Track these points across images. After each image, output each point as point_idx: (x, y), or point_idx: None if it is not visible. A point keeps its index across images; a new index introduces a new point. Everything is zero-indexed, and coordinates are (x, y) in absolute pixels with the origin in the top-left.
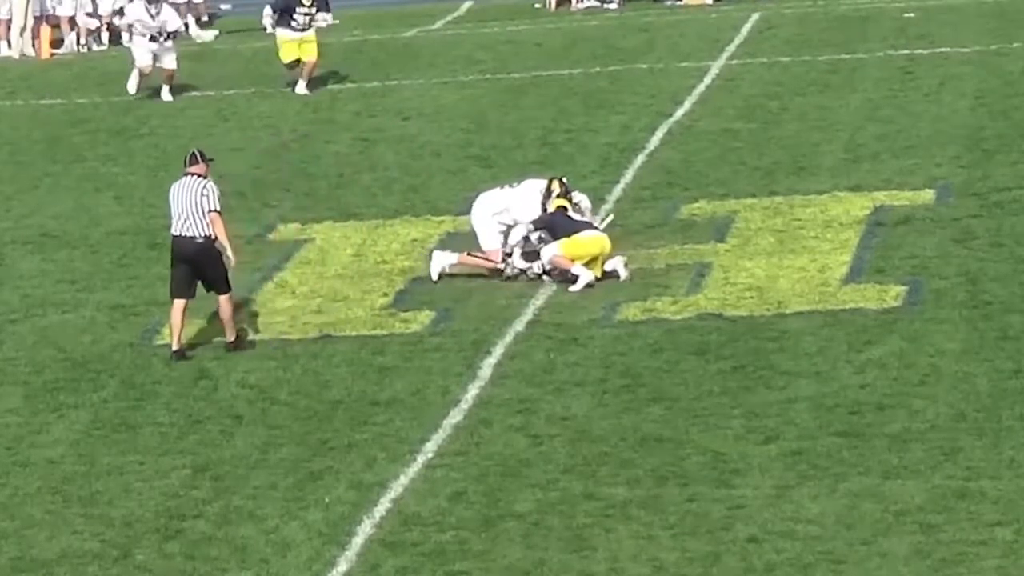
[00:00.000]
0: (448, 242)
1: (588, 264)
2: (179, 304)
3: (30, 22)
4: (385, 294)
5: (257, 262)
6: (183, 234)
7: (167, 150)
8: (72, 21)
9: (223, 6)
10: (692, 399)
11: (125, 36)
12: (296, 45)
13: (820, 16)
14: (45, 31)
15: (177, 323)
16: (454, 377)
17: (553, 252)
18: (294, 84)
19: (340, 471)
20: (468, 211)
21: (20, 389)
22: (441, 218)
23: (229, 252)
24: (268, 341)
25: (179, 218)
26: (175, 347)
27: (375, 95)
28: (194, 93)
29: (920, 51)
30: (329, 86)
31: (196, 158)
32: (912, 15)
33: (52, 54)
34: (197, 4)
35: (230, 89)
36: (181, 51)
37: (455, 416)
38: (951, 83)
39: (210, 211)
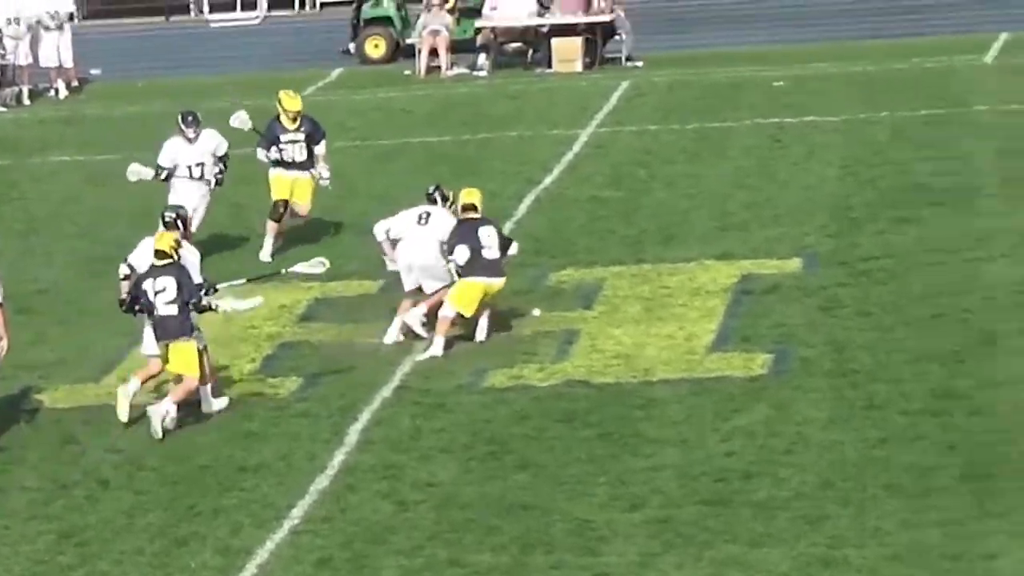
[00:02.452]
0: (316, 308)
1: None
2: None
3: None
4: (253, 359)
5: (125, 327)
6: None
7: (36, 215)
8: None
9: (93, 71)
10: (558, 466)
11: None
12: (289, 183)
13: (690, 84)
14: None
15: None
16: (321, 443)
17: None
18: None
19: (206, 536)
20: (339, 276)
21: None
22: (309, 284)
23: (4, 343)
24: (136, 406)
25: None
26: None
27: (247, 161)
28: (64, 157)
29: (789, 119)
30: None
31: None
32: (781, 83)
33: None
34: (68, 69)
35: (100, 154)
36: (51, 116)
37: (321, 482)
38: (819, 152)
39: None
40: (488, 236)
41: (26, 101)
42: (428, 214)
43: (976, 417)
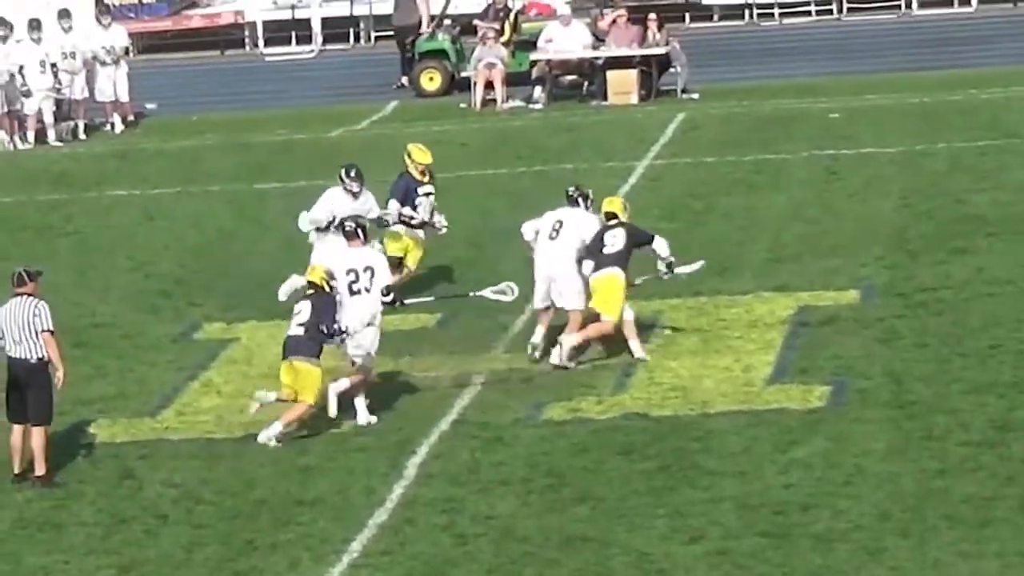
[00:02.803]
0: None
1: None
2: (17, 429)
3: None
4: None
5: (182, 361)
6: (16, 355)
7: (93, 249)
8: None
9: (148, 106)
10: (617, 499)
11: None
12: (408, 243)
13: (745, 116)
14: None
15: (17, 447)
16: (379, 476)
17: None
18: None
19: (264, 571)
20: (390, 311)
21: None
22: None
23: (60, 372)
24: (193, 440)
25: (12, 339)
26: (16, 470)
27: (301, 195)
28: (120, 192)
29: (845, 151)
30: (255, 185)
31: (24, 279)
32: (837, 115)
33: None
34: (123, 103)
35: (155, 188)
36: (107, 151)
37: (380, 515)
38: (876, 183)
39: (43, 331)
40: (614, 236)
41: (82, 135)
42: (561, 224)
43: None
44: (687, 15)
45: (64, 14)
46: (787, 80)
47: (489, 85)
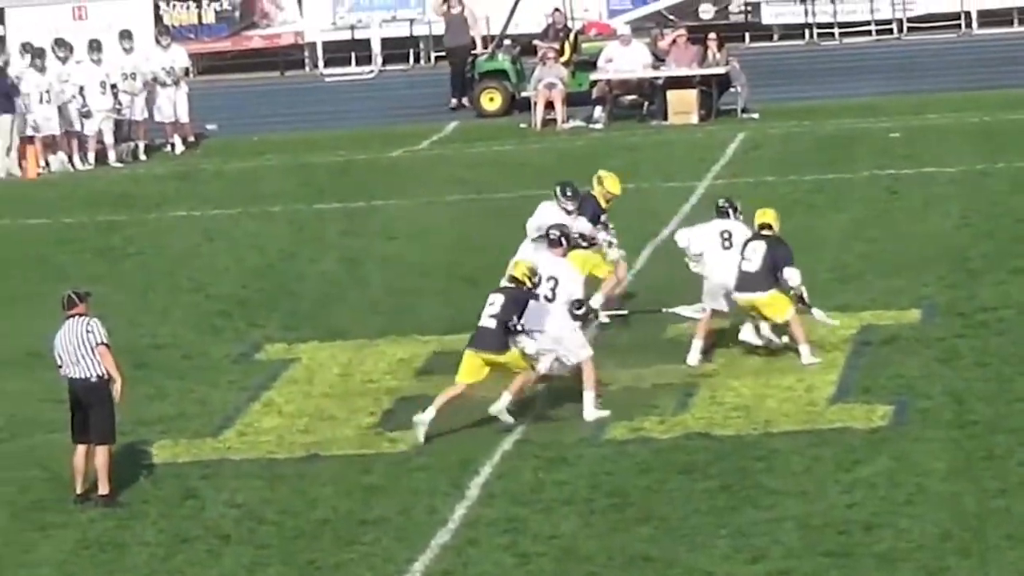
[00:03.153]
0: (435, 362)
1: None
2: (81, 449)
3: (15, 141)
4: (372, 413)
5: (243, 381)
6: (75, 376)
7: (153, 270)
8: (58, 140)
9: (209, 126)
10: (680, 518)
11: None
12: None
13: (805, 136)
14: (31, 151)
15: (80, 467)
16: (441, 496)
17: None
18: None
19: None
20: (455, 330)
21: (6, 509)
22: (427, 338)
23: (119, 384)
24: (255, 460)
25: (69, 361)
26: (79, 490)
27: (361, 215)
28: (180, 213)
29: (906, 171)
30: (315, 206)
31: (74, 300)
32: (897, 135)
33: (38, 173)
34: (183, 124)
35: (216, 209)
36: (167, 171)
37: (442, 536)
38: (936, 203)
39: (98, 345)
40: (753, 251)
41: (142, 156)
42: (730, 233)
43: None
44: (747, 34)
45: (125, 35)
46: (847, 100)
47: (549, 105)
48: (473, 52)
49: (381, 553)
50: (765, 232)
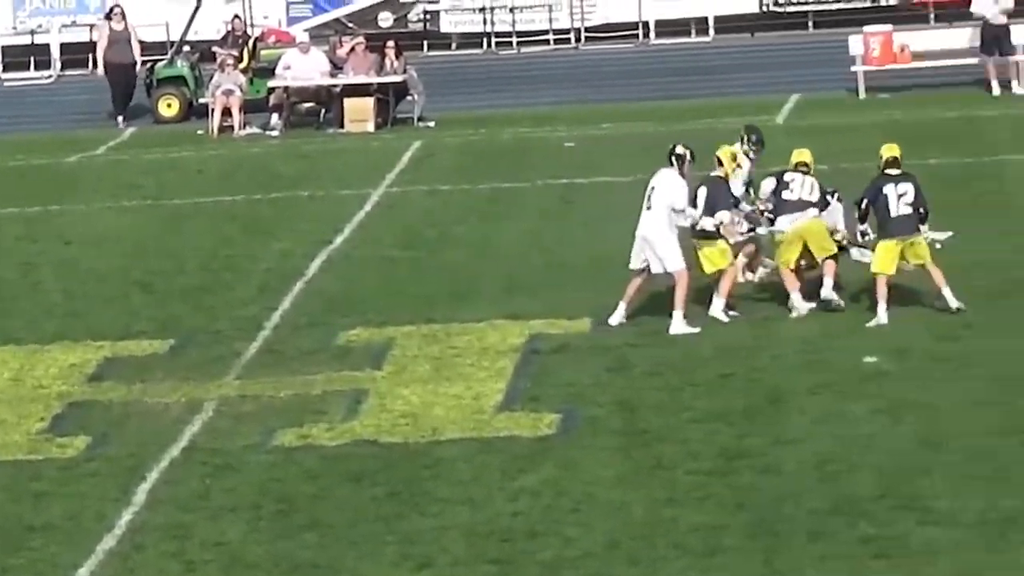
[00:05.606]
0: (106, 367)
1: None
2: None
3: None
4: (42, 419)
5: None
6: None
7: None
8: None
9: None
10: (347, 525)
11: None
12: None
13: (481, 145)
14: None
15: None
16: (109, 502)
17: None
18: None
19: None
20: (129, 336)
21: None
22: (100, 343)
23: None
24: None
25: None
26: None
27: (38, 220)
28: None
29: (579, 180)
30: None
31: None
32: (572, 144)
33: None
34: None
35: None
36: None
37: (108, 541)
38: (610, 212)
39: None
40: (801, 185)
41: None
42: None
43: (765, 475)
44: (425, 43)
45: None
46: (524, 109)
47: (227, 112)
48: (135, 69)
49: (48, 559)
50: (803, 169)
